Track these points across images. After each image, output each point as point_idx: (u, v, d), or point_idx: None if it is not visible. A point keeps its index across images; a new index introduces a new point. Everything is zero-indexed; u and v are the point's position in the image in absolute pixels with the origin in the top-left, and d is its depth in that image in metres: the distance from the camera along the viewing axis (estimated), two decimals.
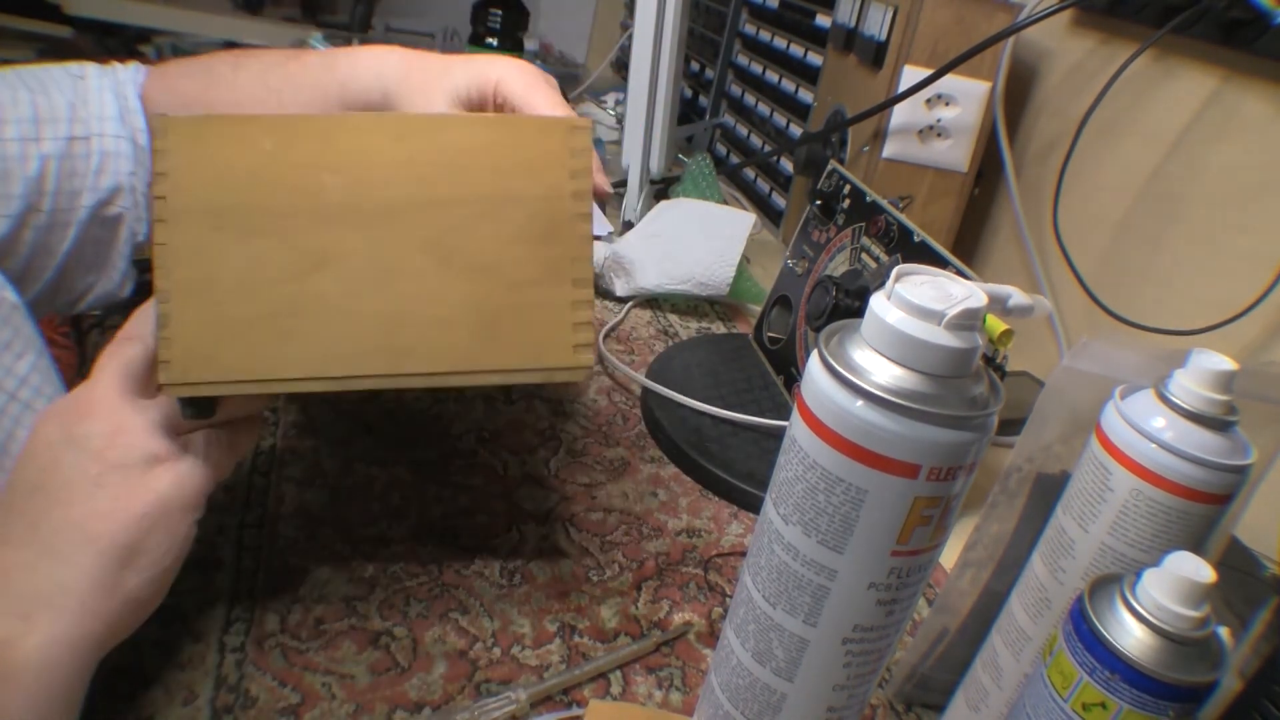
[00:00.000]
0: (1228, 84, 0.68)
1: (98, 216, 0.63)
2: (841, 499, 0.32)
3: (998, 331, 0.41)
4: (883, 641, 0.36)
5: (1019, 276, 0.88)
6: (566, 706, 0.44)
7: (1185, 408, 0.34)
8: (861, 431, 0.31)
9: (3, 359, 0.55)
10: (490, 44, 1.29)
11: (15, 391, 0.56)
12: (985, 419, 0.32)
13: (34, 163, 0.60)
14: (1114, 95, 0.72)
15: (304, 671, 0.44)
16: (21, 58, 1.99)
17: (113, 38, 2.24)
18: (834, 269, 0.68)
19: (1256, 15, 0.62)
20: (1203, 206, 0.70)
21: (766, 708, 0.37)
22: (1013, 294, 0.40)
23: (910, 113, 0.84)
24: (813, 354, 0.33)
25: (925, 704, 0.48)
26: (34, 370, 0.57)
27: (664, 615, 0.51)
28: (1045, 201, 0.82)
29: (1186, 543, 0.35)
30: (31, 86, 0.62)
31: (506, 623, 0.49)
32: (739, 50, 1.30)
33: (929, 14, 0.81)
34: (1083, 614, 0.32)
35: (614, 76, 1.71)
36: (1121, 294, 0.74)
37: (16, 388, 0.56)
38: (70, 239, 0.62)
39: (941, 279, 0.32)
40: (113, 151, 0.64)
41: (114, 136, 0.64)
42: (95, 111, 0.64)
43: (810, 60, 1.05)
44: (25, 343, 0.57)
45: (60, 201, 0.61)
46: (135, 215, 0.66)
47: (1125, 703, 0.31)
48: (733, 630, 0.38)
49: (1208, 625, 0.31)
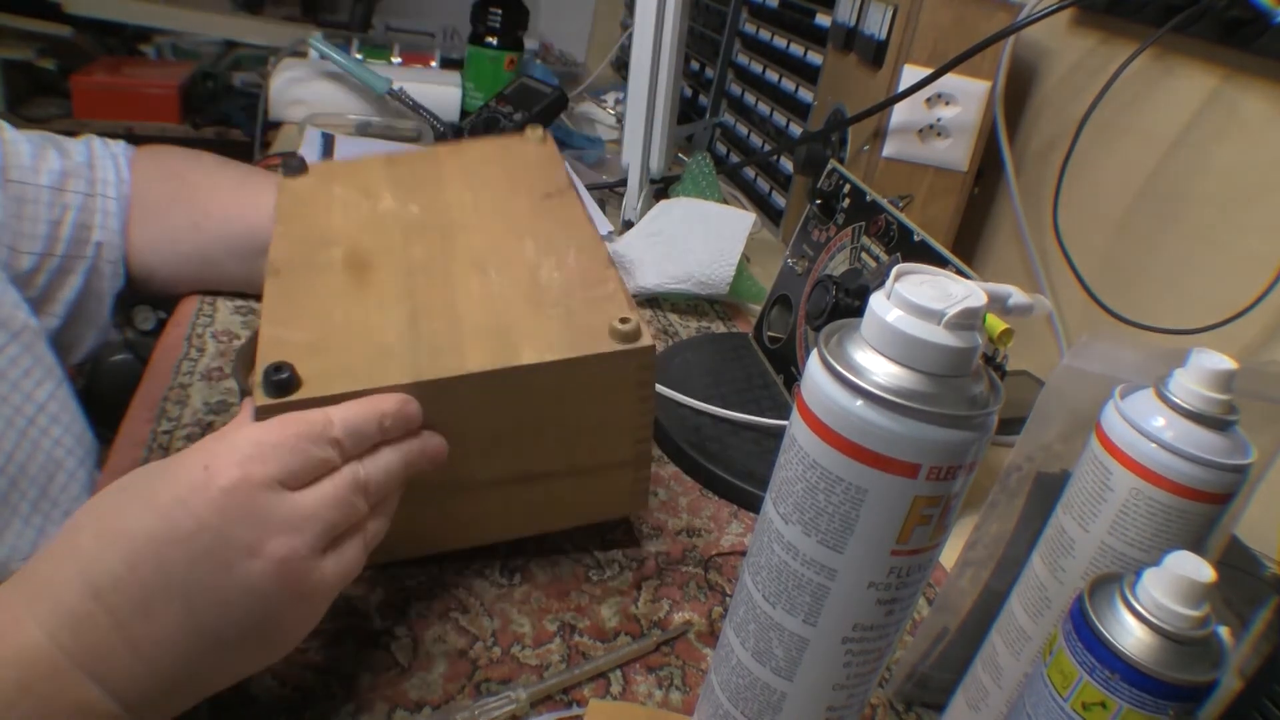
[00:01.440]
0: (1228, 83, 0.68)
1: (98, 267, 0.69)
2: (841, 498, 0.32)
3: (998, 331, 0.41)
4: (883, 641, 0.36)
5: (1019, 276, 0.88)
6: (566, 706, 0.44)
7: (1185, 407, 0.34)
8: (861, 431, 0.31)
9: (23, 385, 0.57)
10: (490, 43, 1.29)
11: (34, 417, 0.58)
12: (985, 418, 0.32)
13: (57, 210, 0.66)
14: (1114, 94, 0.72)
15: (304, 671, 0.44)
16: (22, 56, 1.99)
17: (113, 36, 2.24)
18: (834, 268, 0.68)
19: (1256, 14, 0.62)
20: (1203, 206, 0.70)
21: (766, 707, 0.37)
22: (1012, 293, 0.40)
23: (910, 112, 0.84)
24: (812, 353, 0.33)
25: (925, 703, 0.48)
26: (52, 398, 0.59)
27: (664, 615, 0.51)
28: (1045, 201, 0.82)
29: (1186, 542, 0.35)
30: (59, 146, 0.69)
31: (506, 622, 0.49)
32: (739, 49, 1.30)
33: (929, 13, 0.81)
34: (1083, 613, 0.32)
35: (614, 75, 1.71)
36: (1121, 293, 0.74)
37: (35, 413, 0.58)
38: (75, 287, 0.68)
39: (941, 278, 0.32)
40: (112, 212, 0.70)
41: (113, 199, 0.70)
42: (100, 175, 0.70)
43: (810, 59, 1.05)
44: (45, 371, 0.60)
45: (73, 249, 0.67)
46: (115, 271, 0.71)
47: (1125, 702, 0.31)
48: (733, 630, 0.38)
49: (1208, 625, 0.31)
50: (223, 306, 0.73)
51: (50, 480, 0.58)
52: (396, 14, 2.21)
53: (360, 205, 0.57)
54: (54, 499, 0.57)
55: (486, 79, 1.29)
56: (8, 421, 0.55)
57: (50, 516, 0.57)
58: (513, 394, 0.45)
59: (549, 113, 1.15)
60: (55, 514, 0.57)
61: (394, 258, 0.52)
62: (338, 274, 0.51)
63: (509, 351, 0.45)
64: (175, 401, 0.61)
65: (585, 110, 1.50)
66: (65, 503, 0.58)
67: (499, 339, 0.46)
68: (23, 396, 0.57)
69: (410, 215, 0.56)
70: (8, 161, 0.63)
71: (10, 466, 0.54)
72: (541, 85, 1.16)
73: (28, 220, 0.64)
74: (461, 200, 0.57)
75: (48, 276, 0.66)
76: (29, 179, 0.64)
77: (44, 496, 0.57)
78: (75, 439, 0.61)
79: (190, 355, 0.67)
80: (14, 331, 0.58)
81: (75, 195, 0.67)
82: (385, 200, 0.57)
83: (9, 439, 0.55)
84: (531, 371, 0.45)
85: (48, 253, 0.65)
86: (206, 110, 2.10)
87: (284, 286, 0.49)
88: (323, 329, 0.46)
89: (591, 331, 0.46)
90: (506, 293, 0.49)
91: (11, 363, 0.57)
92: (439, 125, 1.15)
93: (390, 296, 0.49)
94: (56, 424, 0.59)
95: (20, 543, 0.54)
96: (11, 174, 0.63)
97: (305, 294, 0.49)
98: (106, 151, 0.71)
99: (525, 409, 0.46)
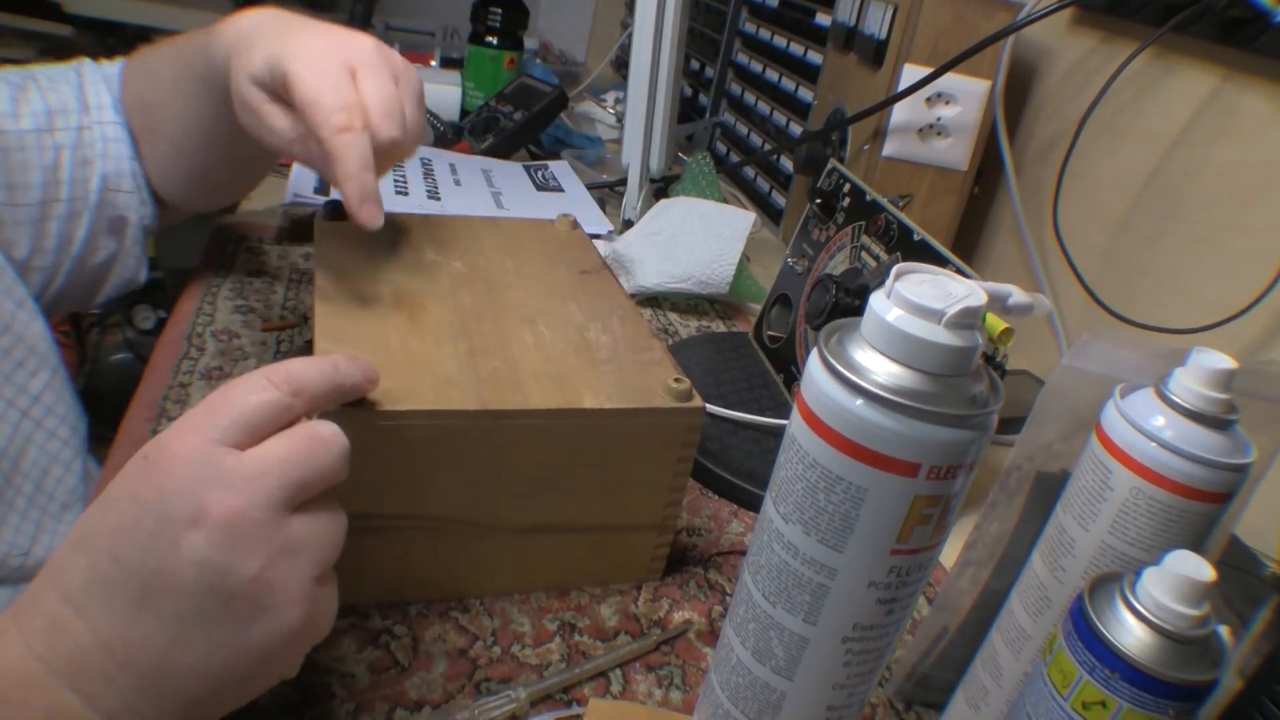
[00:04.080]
0: (1227, 83, 0.68)
1: (107, 200, 0.65)
2: (841, 498, 0.32)
3: (998, 330, 0.41)
4: (883, 640, 0.36)
5: (1019, 275, 0.88)
6: (566, 705, 0.44)
7: (1185, 406, 0.34)
8: (861, 430, 0.31)
9: (16, 377, 0.56)
10: (490, 42, 1.29)
11: (28, 409, 0.56)
12: (985, 417, 0.32)
13: (49, 153, 0.62)
14: (1114, 94, 0.72)
15: (304, 670, 0.44)
16: (22, 56, 1.99)
17: (112, 36, 2.24)
18: (834, 268, 0.68)
19: (1256, 14, 0.62)
20: (1203, 205, 0.70)
21: (766, 706, 0.37)
22: (1013, 292, 0.40)
23: (910, 111, 0.84)
24: (812, 353, 0.33)
25: (925, 703, 0.48)
26: (47, 388, 0.58)
27: (664, 614, 0.51)
28: (1045, 200, 0.82)
29: (1186, 541, 0.35)
30: (40, 82, 0.64)
31: (506, 621, 0.49)
32: (739, 49, 1.30)
33: (929, 12, 0.81)
34: (1083, 612, 0.32)
35: (614, 75, 1.71)
36: (1121, 292, 0.74)
37: (29, 405, 0.57)
38: (85, 225, 0.64)
39: (941, 277, 0.32)
40: (114, 138, 0.66)
41: (112, 124, 0.65)
42: (94, 101, 0.65)
43: (810, 59, 1.05)
44: (40, 361, 0.58)
45: (75, 190, 0.63)
46: (140, 199, 0.67)
47: (1125, 701, 0.31)
48: (733, 629, 0.38)
49: (1208, 624, 0.31)
50: (223, 305, 0.73)
51: (45, 474, 0.57)
52: (397, 13, 2.21)
53: (404, 254, 0.58)
54: (50, 492, 0.57)
55: (486, 78, 1.29)
56: (0, 416, 0.54)
57: (47, 510, 0.57)
58: (568, 437, 0.46)
59: (549, 112, 1.15)
60: (52, 507, 0.57)
61: (444, 303, 0.53)
62: (389, 308, 0.51)
63: (570, 395, 0.46)
64: (175, 401, 0.61)
65: (585, 109, 1.50)
66: (62, 495, 0.58)
67: (558, 384, 0.47)
68: (16, 389, 0.55)
69: (455, 269, 0.57)
70: None
71: (4, 462, 0.54)
72: (541, 84, 1.16)
73: (16, 170, 0.59)
74: (503, 264, 0.59)
75: (59, 224, 0.62)
76: (7, 125, 0.59)
77: (40, 490, 0.56)
78: (70, 429, 0.60)
79: (190, 354, 0.67)
80: (4, 322, 0.56)
81: (66, 133, 0.62)
82: (428, 253, 0.58)
83: (3, 434, 0.54)
84: (592, 416, 0.46)
85: (50, 199, 0.61)
86: None
87: (336, 310, 0.50)
88: (381, 353, 0.46)
89: (646, 388, 0.48)
90: (559, 345, 0.50)
91: (4, 355, 0.55)
92: (439, 124, 1.15)
93: (445, 334, 0.49)
94: (51, 415, 0.58)
95: (18, 538, 0.54)
96: None
97: (358, 321, 0.49)
98: (99, 74, 0.66)
99: (575, 454, 0.47)
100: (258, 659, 0.34)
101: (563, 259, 0.62)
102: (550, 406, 0.45)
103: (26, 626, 0.32)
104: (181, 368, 0.65)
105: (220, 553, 0.32)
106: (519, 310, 0.53)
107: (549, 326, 0.52)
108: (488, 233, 0.63)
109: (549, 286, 0.57)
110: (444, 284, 0.55)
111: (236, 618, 0.33)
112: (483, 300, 0.54)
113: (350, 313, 0.50)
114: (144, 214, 0.68)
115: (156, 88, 0.66)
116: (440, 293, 0.54)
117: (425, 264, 0.57)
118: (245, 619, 0.33)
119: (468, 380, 0.46)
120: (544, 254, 0.62)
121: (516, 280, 0.57)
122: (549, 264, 0.60)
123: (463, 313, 0.52)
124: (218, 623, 0.32)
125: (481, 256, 0.59)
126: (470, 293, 0.54)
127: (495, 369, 0.47)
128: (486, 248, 0.61)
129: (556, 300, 0.56)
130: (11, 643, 0.32)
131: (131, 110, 0.67)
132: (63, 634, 0.32)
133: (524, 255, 0.61)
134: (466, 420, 0.44)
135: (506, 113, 1.15)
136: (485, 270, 0.58)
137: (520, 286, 0.56)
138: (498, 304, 0.54)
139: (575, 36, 2.02)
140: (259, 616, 0.33)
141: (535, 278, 0.58)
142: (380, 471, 0.43)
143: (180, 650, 0.32)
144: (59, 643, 0.32)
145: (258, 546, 0.32)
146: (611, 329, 0.53)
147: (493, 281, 0.56)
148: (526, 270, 0.59)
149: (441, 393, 0.44)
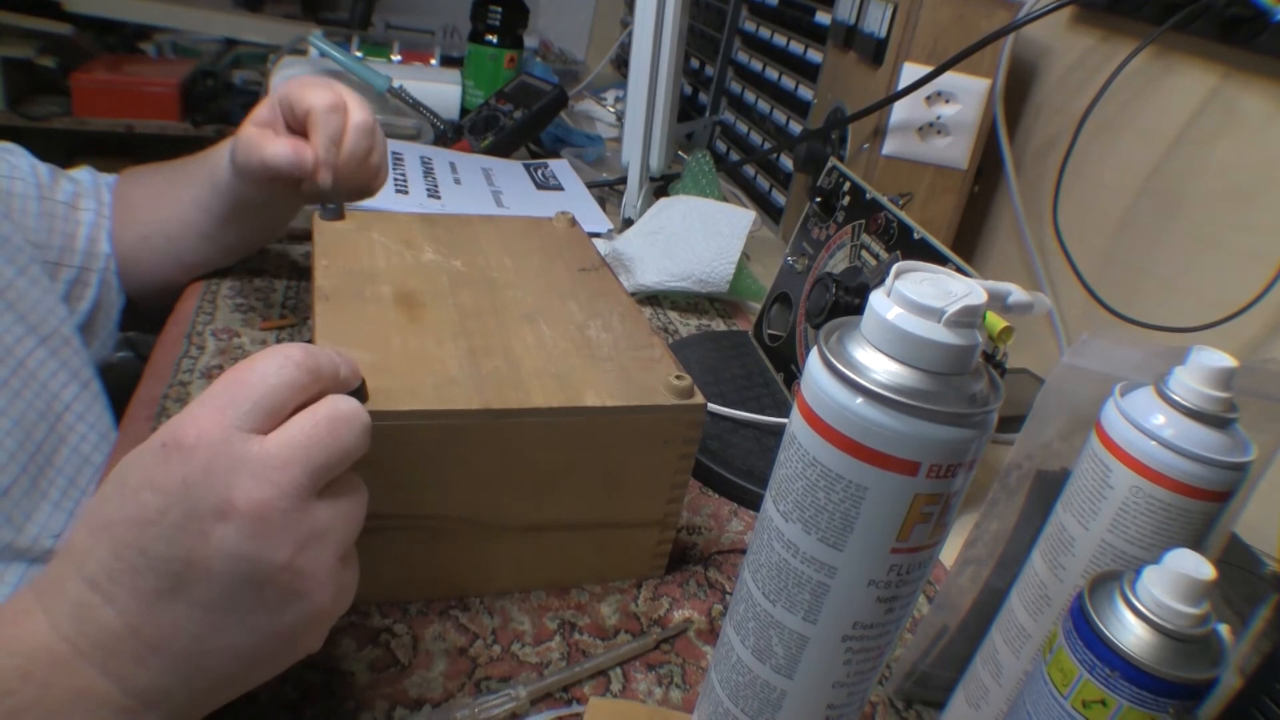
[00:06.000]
0: (1227, 81, 0.68)
1: (106, 280, 0.74)
2: (841, 496, 0.32)
3: (998, 328, 0.41)
4: (883, 639, 0.36)
5: (1019, 274, 0.88)
6: (567, 704, 0.44)
7: (1185, 405, 0.34)
8: (861, 429, 0.31)
9: (50, 385, 0.62)
10: (490, 41, 1.29)
11: (61, 414, 0.62)
12: (985, 416, 0.32)
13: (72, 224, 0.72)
14: (1114, 92, 0.72)
15: (304, 668, 0.44)
16: (22, 55, 1.99)
17: (113, 34, 2.24)
18: (834, 266, 0.68)
19: (1256, 12, 0.62)
20: (1203, 204, 0.70)
21: (766, 705, 0.37)
22: (1012, 291, 0.40)
23: (910, 110, 0.84)
24: (812, 351, 0.33)
25: (925, 701, 0.48)
26: (77, 399, 0.64)
27: (664, 612, 0.51)
28: (1045, 199, 0.82)
29: (1186, 540, 0.35)
30: (67, 175, 0.74)
31: (506, 620, 0.49)
32: (739, 47, 1.30)
33: (929, 11, 0.81)
34: (1083, 611, 0.32)
35: (614, 74, 1.71)
36: (1121, 291, 0.74)
37: (63, 411, 0.62)
38: (90, 299, 0.72)
39: (941, 276, 0.32)
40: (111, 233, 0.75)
41: (108, 219, 0.75)
42: (104, 198, 0.75)
43: (810, 57, 1.05)
44: (70, 374, 0.64)
45: (86, 261, 0.72)
46: (120, 285, 0.76)
47: (1125, 700, 0.31)
48: (733, 627, 0.38)
49: (1208, 622, 0.31)
50: (223, 304, 0.73)
51: (78, 472, 0.61)
52: (396, 12, 2.21)
53: (403, 253, 0.58)
54: (82, 488, 0.61)
55: (486, 77, 1.29)
56: (40, 415, 0.59)
57: (80, 502, 0.60)
58: (570, 435, 0.46)
59: (549, 111, 1.15)
60: (84, 500, 0.61)
61: (444, 301, 0.53)
62: (389, 308, 0.51)
63: (572, 393, 0.46)
64: (175, 400, 0.61)
65: (585, 108, 1.50)
66: (93, 492, 0.61)
67: (559, 382, 0.47)
68: (50, 396, 0.61)
69: (454, 268, 0.57)
70: (40, 181, 0.70)
71: (39, 456, 0.58)
72: (541, 83, 1.16)
73: (56, 234, 0.70)
74: (502, 263, 0.59)
75: (65, 287, 0.70)
76: (51, 195, 0.71)
77: (73, 485, 0.60)
78: (100, 436, 0.64)
79: (190, 353, 0.67)
80: (43, 336, 0.62)
81: (87, 212, 0.73)
82: (427, 252, 0.59)
83: (40, 431, 0.58)
84: (593, 414, 0.46)
85: (63, 263, 0.70)
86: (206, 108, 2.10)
87: (336, 310, 0.50)
88: (383, 352, 0.46)
89: (647, 385, 0.48)
90: (560, 344, 0.51)
91: (40, 364, 0.61)
92: (439, 123, 1.15)
93: (446, 333, 0.50)
94: (82, 421, 0.63)
95: (51, 522, 0.58)
96: (44, 191, 0.70)
97: (359, 320, 0.49)
98: (102, 180, 0.77)
99: (578, 452, 0.47)
100: (287, 640, 0.35)
101: (562, 257, 0.62)
102: (552, 405, 0.45)
103: (52, 608, 0.33)
104: (181, 366, 0.65)
105: (250, 544, 0.32)
106: (519, 308, 0.54)
107: (549, 325, 0.52)
108: (487, 231, 0.64)
109: (549, 284, 0.57)
110: (444, 283, 0.55)
111: (268, 604, 0.33)
112: (483, 299, 0.54)
113: (350, 312, 0.50)
114: (120, 301, 0.75)
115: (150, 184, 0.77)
116: (440, 292, 0.54)
117: (425, 263, 0.57)
118: (277, 605, 0.34)
119: (469, 379, 0.46)
120: (543, 252, 0.62)
121: (516, 279, 0.57)
122: (548, 262, 0.61)
123: (463, 312, 0.52)
124: (250, 610, 0.33)
125: (481, 255, 0.60)
126: (470, 291, 0.55)
127: (496, 368, 0.47)
128: (486, 246, 0.61)
129: (556, 298, 0.56)
130: (38, 621, 0.32)
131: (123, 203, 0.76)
132: (90, 619, 0.32)
133: (523, 253, 0.61)
134: (468, 419, 0.44)
135: (506, 111, 1.15)
136: (485, 269, 0.58)
137: (520, 285, 0.57)
138: (498, 303, 0.54)
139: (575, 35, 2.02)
140: (291, 601, 0.34)
141: (535, 276, 0.58)
142: (381, 471, 0.43)
143: (213, 635, 0.33)
144: (87, 626, 0.32)
145: (287, 536, 0.33)
146: (612, 326, 0.53)
147: (492, 280, 0.57)
148: (526, 268, 0.59)
149: (443, 392, 0.44)
